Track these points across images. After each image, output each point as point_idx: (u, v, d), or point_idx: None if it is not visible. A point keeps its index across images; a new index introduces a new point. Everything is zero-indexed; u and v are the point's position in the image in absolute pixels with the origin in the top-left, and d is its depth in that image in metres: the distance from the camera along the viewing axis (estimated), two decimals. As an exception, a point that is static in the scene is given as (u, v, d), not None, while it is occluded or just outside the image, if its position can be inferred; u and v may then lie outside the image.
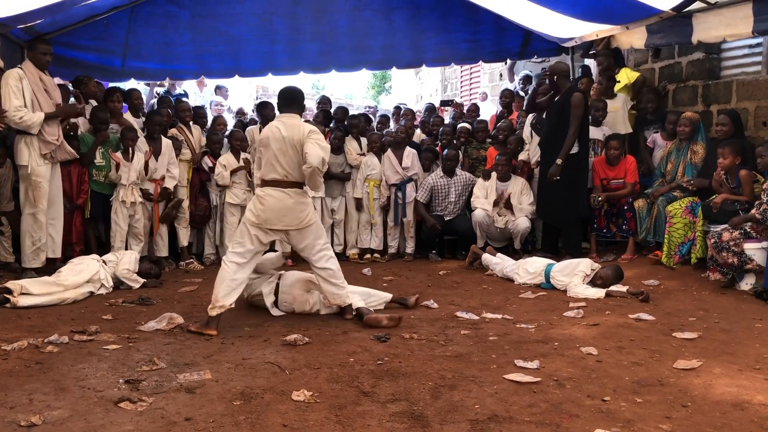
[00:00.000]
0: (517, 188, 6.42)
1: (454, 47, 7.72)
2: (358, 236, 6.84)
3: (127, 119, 6.25)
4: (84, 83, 6.35)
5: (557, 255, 5.97)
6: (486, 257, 5.83)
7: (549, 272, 5.08)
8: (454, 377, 3.00)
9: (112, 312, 4.41)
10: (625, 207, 5.96)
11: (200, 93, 9.92)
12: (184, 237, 6.30)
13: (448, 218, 6.60)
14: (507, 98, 7.93)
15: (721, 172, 5.12)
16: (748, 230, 4.65)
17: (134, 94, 6.65)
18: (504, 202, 6.33)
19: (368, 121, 7.51)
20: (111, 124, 6.00)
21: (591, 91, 6.73)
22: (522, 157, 6.67)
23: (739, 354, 3.30)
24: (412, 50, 7.70)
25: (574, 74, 7.35)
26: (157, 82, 8.75)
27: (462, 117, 8.17)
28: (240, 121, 7.97)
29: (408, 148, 6.79)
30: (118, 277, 5.14)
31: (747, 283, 4.69)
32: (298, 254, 4.29)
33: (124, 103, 6.44)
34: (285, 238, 4.14)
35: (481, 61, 8.82)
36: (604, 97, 6.60)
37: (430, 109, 8.80)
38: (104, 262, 5.14)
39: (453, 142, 6.97)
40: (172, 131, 6.36)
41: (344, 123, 7.07)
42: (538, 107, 6.46)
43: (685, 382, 2.90)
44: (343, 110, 7.51)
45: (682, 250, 5.38)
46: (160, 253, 6.14)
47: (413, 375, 3.03)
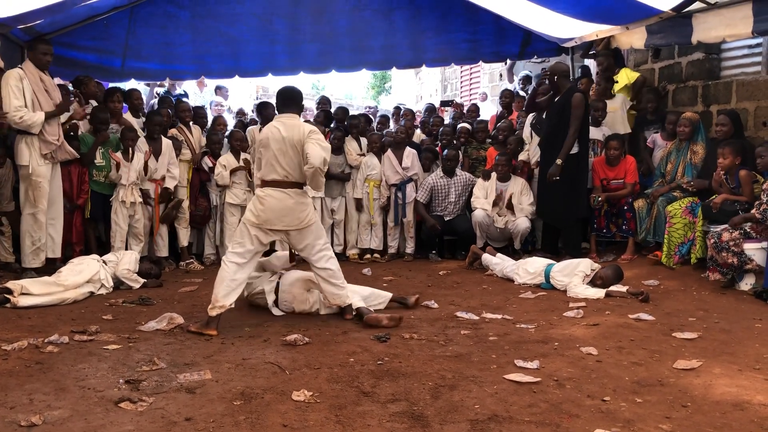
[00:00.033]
0: (517, 188, 6.42)
1: (454, 47, 7.72)
2: (358, 236, 6.84)
3: (126, 119, 6.26)
4: (84, 83, 6.35)
5: (557, 255, 5.97)
6: (486, 257, 5.83)
7: (549, 272, 5.08)
8: (454, 377, 3.00)
9: (113, 312, 4.41)
10: (625, 207, 5.96)
11: (200, 93, 9.93)
12: (184, 237, 6.30)
13: (448, 218, 6.60)
14: (507, 98, 7.93)
15: (721, 172, 5.12)
16: (748, 230, 4.65)
17: (134, 95, 6.65)
18: (505, 203, 6.33)
19: (368, 122, 7.52)
20: (111, 124, 6.01)
21: (590, 92, 6.74)
22: (522, 157, 6.67)
23: (739, 354, 3.30)
24: (412, 50, 7.70)
25: (574, 74, 7.35)
26: (157, 83, 8.76)
27: (462, 117, 8.17)
28: (240, 122, 7.97)
29: (408, 148, 6.79)
30: (119, 277, 5.14)
31: (747, 283, 4.70)
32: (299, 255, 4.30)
33: (125, 104, 6.45)
34: (285, 238, 4.14)
35: (481, 62, 8.82)
36: (603, 98, 6.61)
37: (430, 110, 8.81)
38: (104, 262, 5.14)
39: (453, 143, 6.97)
40: (172, 131, 6.36)
41: (344, 123, 7.08)
42: (538, 107, 6.46)
43: (685, 382, 2.90)
44: (344, 110, 7.51)
45: (682, 251, 5.38)
46: (161, 253, 6.14)
47: (413, 375, 3.03)
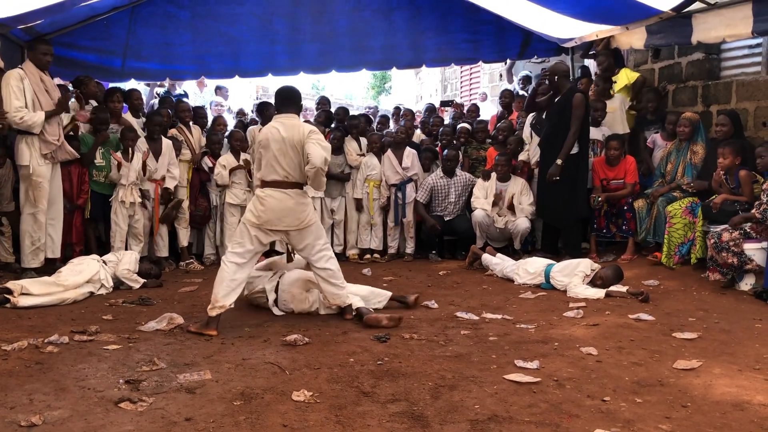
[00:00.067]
0: (517, 188, 6.42)
1: (454, 47, 7.72)
2: (358, 236, 6.84)
3: (126, 119, 6.26)
4: (84, 83, 6.35)
5: (557, 255, 5.97)
6: (486, 257, 5.83)
7: (549, 272, 5.08)
8: (454, 377, 3.00)
9: (112, 312, 4.41)
10: (625, 207, 5.96)
11: (200, 93, 9.93)
12: (184, 237, 6.30)
13: (447, 218, 6.59)
14: (507, 98, 7.92)
15: (721, 172, 5.12)
16: (748, 230, 4.65)
17: (134, 95, 6.66)
18: (506, 203, 6.32)
19: (368, 122, 7.52)
20: (111, 125, 6.01)
21: (589, 92, 6.73)
22: (522, 157, 6.67)
23: (738, 354, 3.30)
24: (412, 50, 7.70)
25: (574, 74, 7.35)
26: (157, 83, 8.77)
27: (462, 117, 8.16)
28: (241, 122, 7.97)
29: (408, 148, 6.79)
30: (119, 277, 5.14)
31: (747, 284, 4.70)
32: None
33: (125, 104, 6.45)
34: (285, 238, 4.15)
35: (481, 62, 8.82)
36: (601, 98, 6.60)
37: (430, 110, 8.81)
38: (104, 262, 5.14)
39: (453, 143, 6.97)
40: (172, 131, 6.37)
41: (344, 123, 7.08)
42: (538, 107, 6.46)
43: (685, 383, 2.90)
44: (345, 111, 7.52)
45: (682, 251, 5.38)
46: (161, 253, 6.14)
47: (413, 375, 3.03)
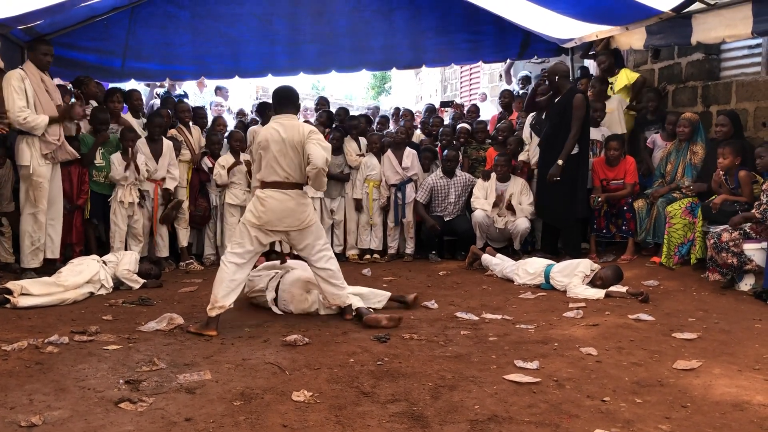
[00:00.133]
0: (517, 189, 6.42)
1: (454, 47, 7.72)
2: (358, 237, 6.84)
3: (126, 119, 6.26)
4: (84, 84, 6.36)
5: (557, 255, 5.97)
6: (486, 258, 5.83)
7: (549, 273, 5.08)
8: (454, 378, 3.00)
9: (112, 312, 4.41)
10: (625, 207, 5.97)
11: (200, 94, 9.94)
12: (183, 237, 6.30)
13: (447, 219, 6.59)
14: (506, 98, 7.93)
15: (721, 172, 5.12)
16: (748, 231, 4.65)
17: (134, 95, 6.66)
18: (505, 204, 6.32)
19: (368, 122, 7.52)
20: (110, 125, 6.01)
21: (588, 93, 6.73)
22: (522, 157, 6.67)
23: (738, 354, 3.30)
24: (412, 51, 7.71)
25: (574, 75, 7.36)
26: (157, 83, 8.77)
27: (462, 118, 8.17)
28: (241, 122, 7.98)
29: (408, 148, 6.79)
30: (118, 277, 5.14)
31: (746, 284, 4.70)
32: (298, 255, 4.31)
33: (125, 104, 6.46)
34: (285, 238, 4.15)
35: (481, 62, 8.83)
36: (598, 100, 6.59)
37: (430, 110, 8.82)
38: (104, 262, 5.14)
39: (453, 143, 6.97)
40: (172, 132, 6.37)
41: (344, 123, 7.08)
42: (538, 107, 6.46)
43: (685, 383, 2.90)
44: (345, 111, 7.53)
45: (682, 251, 5.39)
46: (161, 253, 6.14)
47: (413, 375, 3.03)
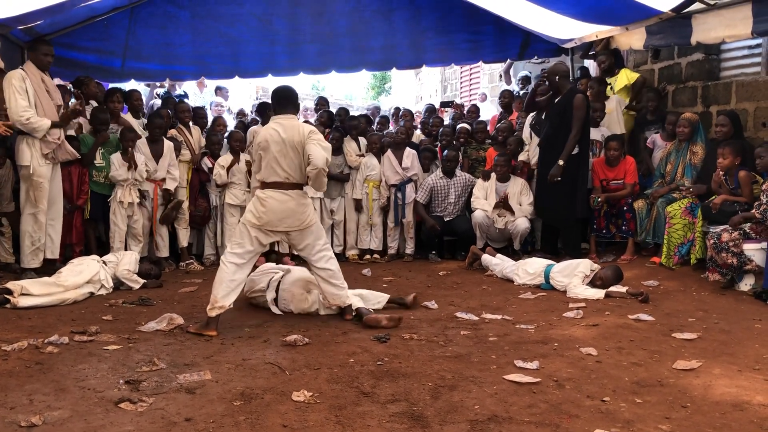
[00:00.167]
0: (517, 189, 6.42)
1: (454, 47, 7.72)
2: (358, 237, 6.84)
3: (125, 119, 6.26)
4: (84, 84, 6.36)
5: (557, 256, 5.97)
6: (486, 258, 5.83)
7: (548, 273, 5.08)
8: (454, 378, 3.00)
9: (112, 312, 4.41)
10: (625, 208, 5.97)
11: (200, 94, 9.94)
12: (183, 238, 6.30)
13: (447, 219, 6.59)
14: (506, 99, 7.93)
15: (721, 172, 5.12)
16: (748, 231, 4.65)
17: (134, 95, 6.66)
18: (502, 201, 6.32)
19: (369, 122, 7.52)
20: (110, 125, 6.01)
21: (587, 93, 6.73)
22: (522, 157, 6.67)
23: (738, 354, 3.30)
24: (412, 51, 7.71)
25: (573, 75, 7.36)
26: (157, 83, 8.77)
27: (462, 118, 8.17)
28: (241, 122, 7.97)
29: (408, 148, 6.79)
30: (119, 277, 5.14)
31: (746, 284, 4.70)
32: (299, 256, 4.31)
33: (125, 104, 6.45)
34: (285, 238, 4.15)
35: (481, 62, 8.83)
36: (597, 101, 6.59)
37: (430, 110, 8.82)
38: (104, 262, 5.14)
39: (453, 143, 6.97)
40: (172, 132, 6.37)
41: (343, 124, 7.08)
42: (537, 107, 6.46)
43: (685, 383, 2.90)
44: (346, 112, 7.54)
45: (682, 251, 5.39)
46: (161, 253, 6.14)
47: (413, 375, 3.03)
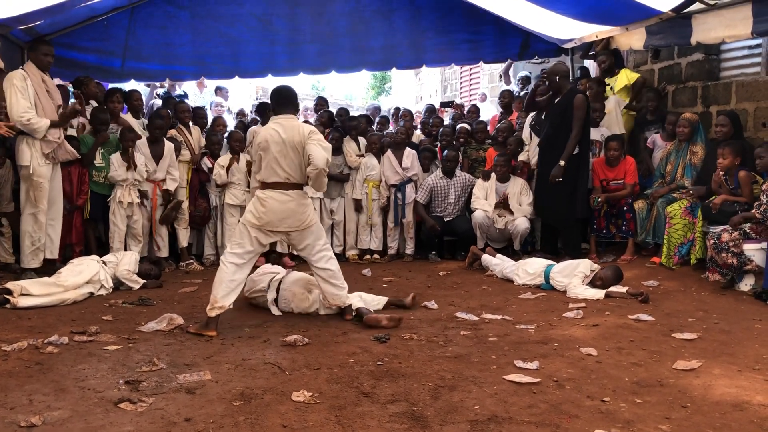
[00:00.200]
0: (517, 189, 6.42)
1: (454, 48, 7.73)
2: (358, 237, 6.84)
3: (125, 119, 6.26)
4: (84, 84, 6.35)
5: (557, 256, 5.97)
6: (486, 258, 5.83)
7: (549, 273, 5.08)
8: (454, 378, 3.00)
9: (112, 313, 4.41)
10: (625, 208, 5.97)
11: (200, 94, 9.93)
12: (183, 238, 6.30)
13: (447, 219, 6.59)
14: (506, 99, 7.93)
15: (721, 172, 5.12)
16: (748, 231, 4.65)
17: (134, 95, 6.66)
18: (502, 201, 6.32)
19: (369, 122, 7.52)
20: (110, 125, 6.01)
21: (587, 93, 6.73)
22: (522, 157, 6.67)
23: (738, 355, 3.30)
24: (412, 51, 7.71)
25: (573, 75, 7.36)
26: (157, 83, 8.77)
27: (462, 118, 8.16)
28: (241, 122, 7.97)
29: (408, 148, 6.79)
30: (118, 277, 5.14)
31: (746, 284, 4.70)
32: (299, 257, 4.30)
33: (125, 104, 6.45)
34: (285, 239, 4.15)
35: (482, 62, 8.83)
36: (595, 101, 6.58)
37: (430, 110, 8.82)
38: (104, 262, 5.14)
39: (452, 143, 6.97)
40: (171, 132, 6.37)
41: (343, 124, 7.08)
42: (537, 107, 6.46)
43: (685, 383, 2.90)
44: (346, 112, 7.55)
45: (682, 251, 5.39)
46: (160, 253, 6.14)
47: (413, 376, 3.03)
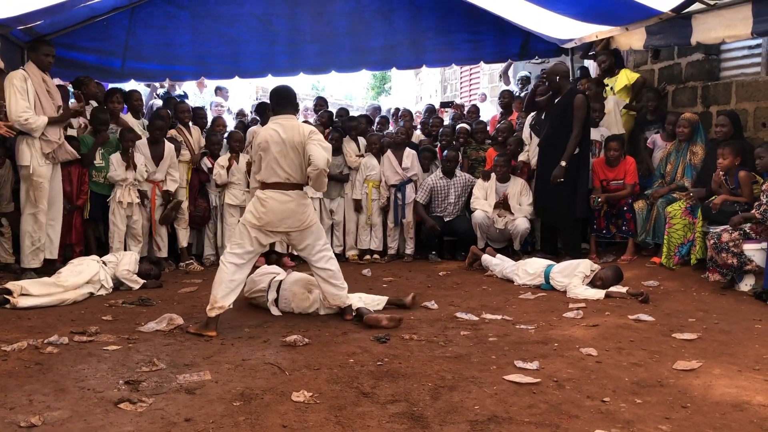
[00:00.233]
0: (517, 189, 6.42)
1: (454, 48, 7.72)
2: (358, 237, 6.83)
3: (124, 119, 6.26)
4: (84, 84, 6.36)
5: (557, 256, 5.97)
6: (486, 258, 5.83)
7: (549, 273, 5.08)
8: (454, 378, 3.00)
9: (112, 313, 4.41)
10: (625, 208, 5.97)
11: (200, 94, 9.93)
12: (183, 238, 6.29)
13: (447, 219, 6.59)
14: (506, 99, 7.92)
15: (721, 173, 5.12)
16: (748, 231, 4.65)
17: (134, 96, 6.66)
18: (502, 201, 6.32)
19: (369, 122, 7.52)
20: (110, 125, 6.01)
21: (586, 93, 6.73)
22: (521, 158, 6.67)
23: (738, 355, 3.30)
24: (412, 51, 7.70)
25: (573, 75, 7.36)
26: (157, 83, 8.76)
27: (462, 118, 8.16)
28: (241, 122, 7.97)
29: (408, 149, 6.79)
30: (118, 277, 5.14)
31: (746, 284, 4.70)
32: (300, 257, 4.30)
33: (125, 104, 6.45)
34: (285, 239, 4.15)
35: (482, 62, 8.83)
36: (595, 101, 6.58)
37: (430, 110, 8.82)
38: (104, 263, 5.14)
39: (452, 143, 6.96)
40: (171, 132, 6.37)
41: (344, 124, 7.08)
42: (537, 106, 6.46)
43: (685, 383, 2.90)
44: (346, 112, 7.55)
45: (682, 251, 5.39)
46: (160, 254, 6.14)
47: (413, 376, 3.03)
